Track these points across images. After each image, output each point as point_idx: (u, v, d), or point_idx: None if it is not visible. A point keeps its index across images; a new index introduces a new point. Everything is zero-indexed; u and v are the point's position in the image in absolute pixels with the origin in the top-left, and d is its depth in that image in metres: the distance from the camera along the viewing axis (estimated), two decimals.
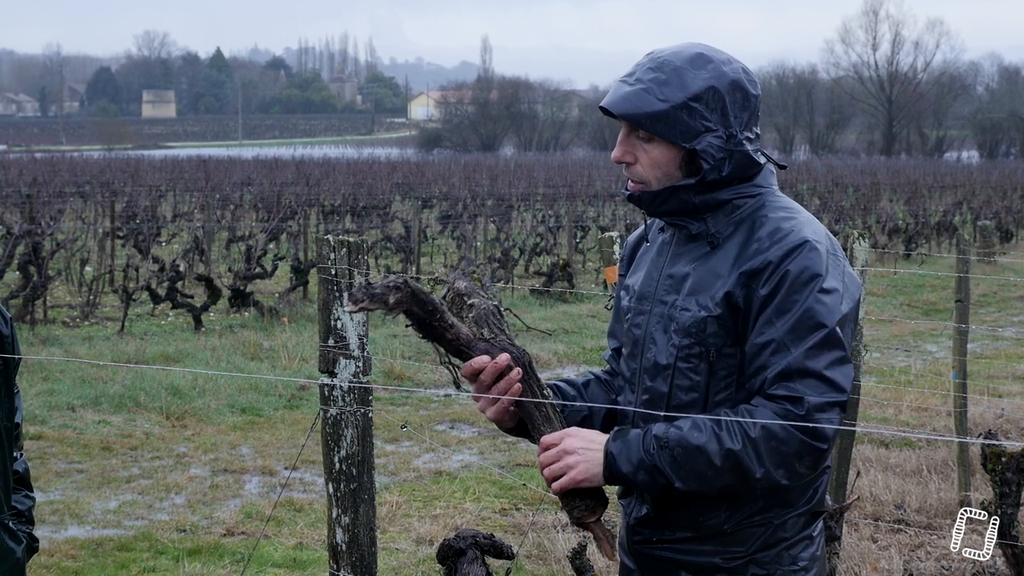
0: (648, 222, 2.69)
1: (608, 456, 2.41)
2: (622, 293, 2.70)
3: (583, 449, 2.42)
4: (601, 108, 2.52)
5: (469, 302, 2.47)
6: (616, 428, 2.48)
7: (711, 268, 2.47)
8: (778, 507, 2.46)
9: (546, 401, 2.48)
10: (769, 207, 2.50)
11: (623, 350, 2.65)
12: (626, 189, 2.59)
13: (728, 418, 2.37)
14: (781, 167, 2.63)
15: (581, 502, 2.45)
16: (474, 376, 2.44)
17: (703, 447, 2.35)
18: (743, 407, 2.38)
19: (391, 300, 2.34)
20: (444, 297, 2.48)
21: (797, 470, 2.36)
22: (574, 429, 2.46)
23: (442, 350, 2.44)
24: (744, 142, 2.47)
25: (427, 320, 2.39)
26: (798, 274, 2.38)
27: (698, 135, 2.45)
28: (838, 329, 2.37)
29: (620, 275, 2.77)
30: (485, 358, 2.41)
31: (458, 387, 2.52)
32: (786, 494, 2.46)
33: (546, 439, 2.44)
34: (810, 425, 2.32)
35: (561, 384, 2.67)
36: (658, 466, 2.38)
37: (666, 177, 2.50)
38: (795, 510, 2.47)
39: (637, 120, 2.46)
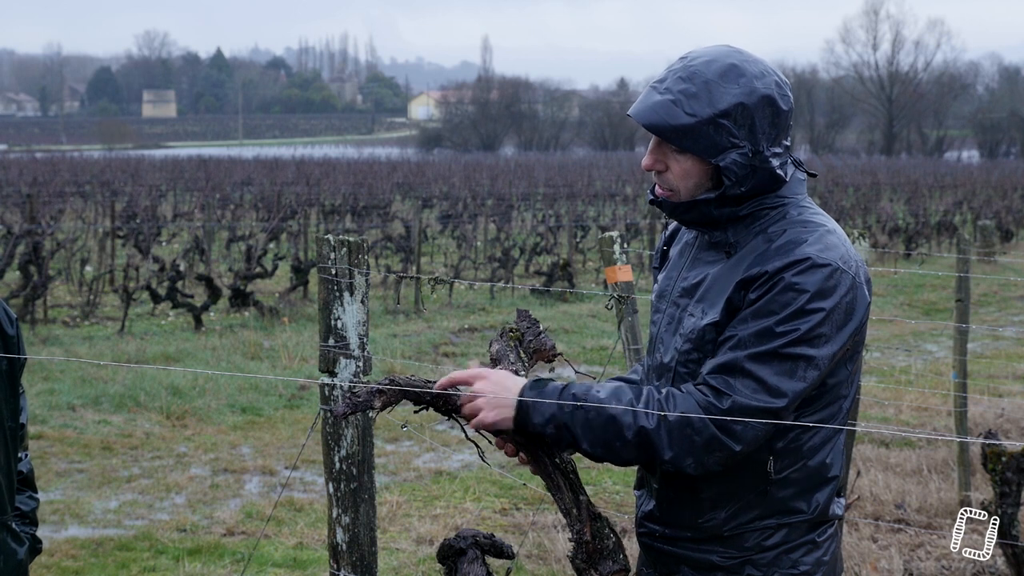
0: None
1: (520, 406, 2.39)
2: (654, 287, 2.73)
3: (493, 395, 2.40)
4: (629, 115, 2.51)
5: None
6: (536, 377, 2.44)
7: (722, 277, 2.47)
8: (778, 514, 2.47)
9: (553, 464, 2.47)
10: (789, 219, 2.47)
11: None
12: (651, 192, 2.59)
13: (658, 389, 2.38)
14: (811, 175, 2.61)
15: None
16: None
17: (618, 418, 2.35)
18: (670, 390, 2.38)
19: (377, 404, 2.38)
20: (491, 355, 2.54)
21: (705, 462, 2.36)
22: (488, 371, 2.44)
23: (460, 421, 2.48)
24: (770, 158, 2.45)
25: (430, 407, 2.44)
26: (788, 286, 2.36)
27: (723, 151, 2.43)
28: (804, 348, 2.34)
29: (654, 268, 2.80)
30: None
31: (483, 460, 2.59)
32: (786, 502, 2.46)
33: (457, 376, 2.43)
34: (725, 420, 2.31)
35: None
36: (568, 425, 2.37)
37: (696, 188, 2.49)
38: (795, 517, 2.47)
39: (663, 132, 2.45)
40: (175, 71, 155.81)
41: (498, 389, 2.40)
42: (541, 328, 2.63)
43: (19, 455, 2.95)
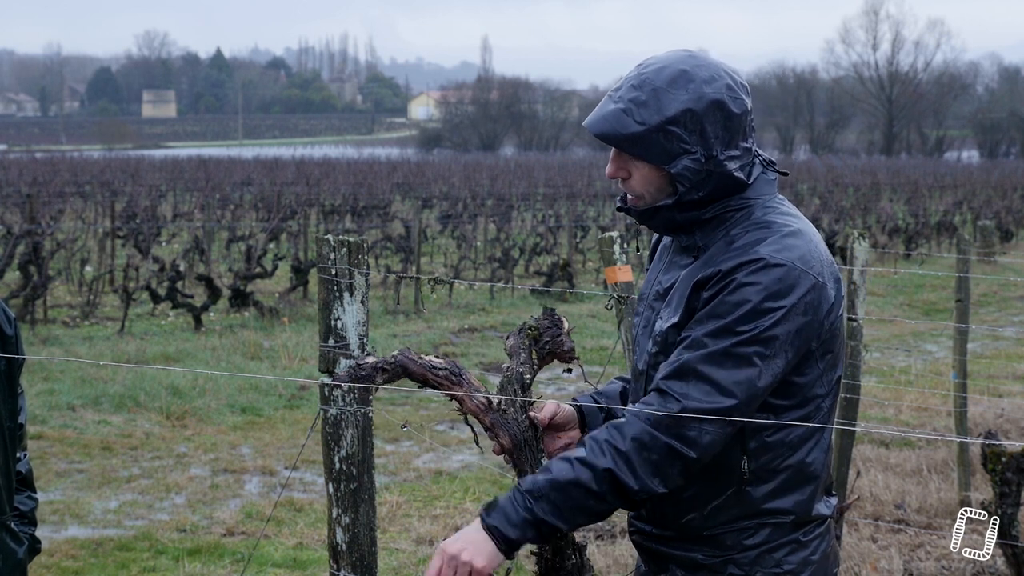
0: None
1: (493, 532, 2.37)
2: None
3: (464, 543, 2.38)
4: (584, 125, 2.54)
5: (505, 366, 2.57)
6: (484, 503, 2.44)
7: (686, 279, 2.49)
8: (756, 514, 2.46)
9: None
10: (752, 221, 2.47)
11: None
12: (620, 199, 2.61)
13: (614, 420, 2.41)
14: (783, 174, 2.60)
15: None
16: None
17: (577, 480, 2.34)
18: (609, 425, 2.39)
19: (379, 379, 2.43)
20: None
21: (672, 477, 2.36)
22: (441, 546, 2.42)
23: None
24: (725, 162, 2.45)
25: (432, 386, 2.52)
26: (740, 286, 2.36)
27: (675, 157, 2.43)
28: (757, 347, 2.34)
29: (646, 269, 2.82)
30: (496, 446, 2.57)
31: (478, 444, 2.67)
32: (764, 502, 2.46)
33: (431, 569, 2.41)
34: (676, 432, 2.34)
35: (594, 396, 2.76)
36: (541, 519, 2.36)
37: (659, 193, 2.51)
38: (776, 517, 2.47)
39: (614, 141, 2.47)
40: (175, 71, 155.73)
41: (461, 545, 2.37)
42: (564, 329, 2.63)
43: (18, 455, 2.95)
